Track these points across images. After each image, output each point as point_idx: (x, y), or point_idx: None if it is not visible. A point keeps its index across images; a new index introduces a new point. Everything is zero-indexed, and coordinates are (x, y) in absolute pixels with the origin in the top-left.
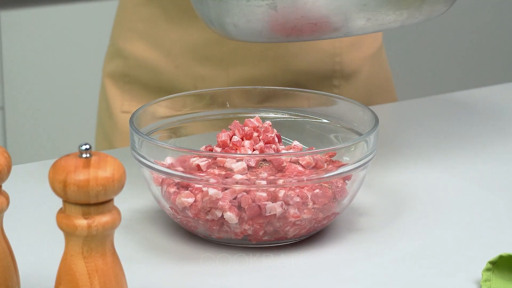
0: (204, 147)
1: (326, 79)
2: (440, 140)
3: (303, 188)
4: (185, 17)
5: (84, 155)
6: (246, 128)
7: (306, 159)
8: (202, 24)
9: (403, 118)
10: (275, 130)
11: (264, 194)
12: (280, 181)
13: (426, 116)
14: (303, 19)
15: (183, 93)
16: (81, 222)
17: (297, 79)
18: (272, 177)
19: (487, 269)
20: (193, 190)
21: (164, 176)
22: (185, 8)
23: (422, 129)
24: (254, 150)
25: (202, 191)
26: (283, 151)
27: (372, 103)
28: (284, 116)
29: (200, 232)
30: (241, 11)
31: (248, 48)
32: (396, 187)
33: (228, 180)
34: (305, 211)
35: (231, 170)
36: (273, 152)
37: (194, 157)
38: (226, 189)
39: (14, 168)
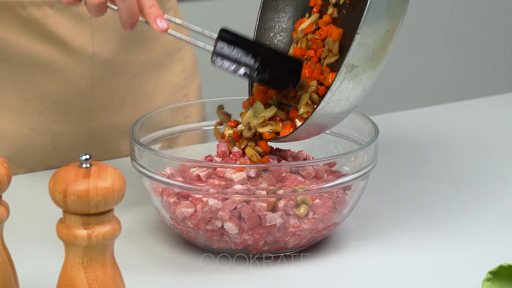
0: (204, 157)
1: (180, 110)
2: (440, 150)
3: None
4: (40, 71)
5: (84, 165)
6: None
7: (307, 169)
8: (61, 75)
9: (404, 128)
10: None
11: (264, 204)
12: (280, 191)
13: (426, 126)
14: None
15: (184, 103)
16: (81, 232)
17: None
18: (272, 187)
19: (487, 279)
20: (193, 200)
21: (164, 186)
22: (36, 60)
23: (422, 139)
24: None
25: (202, 201)
26: (283, 162)
27: None
28: None
29: (200, 242)
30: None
31: (110, 94)
32: (397, 197)
33: (228, 190)
34: (305, 221)
35: (231, 180)
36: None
37: (194, 167)
38: (226, 199)
39: (14, 178)
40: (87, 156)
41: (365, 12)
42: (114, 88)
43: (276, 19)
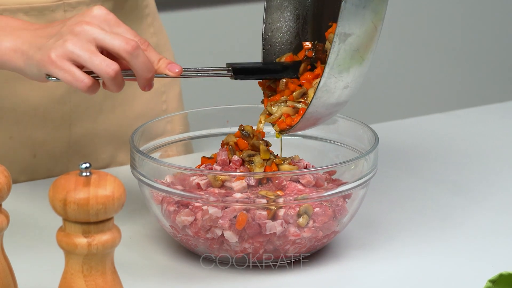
0: (204, 165)
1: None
2: (441, 158)
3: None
4: (16, 79)
5: (84, 174)
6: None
7: (306, 177)
8: (38, 82)
9: (404, 136)
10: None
11: (264, 213)
12: (280, 200)
13: (426, 134)
14: None
15: (182, 111)
16: (81, 240)
17: (135, 124)
18: (272, 196)
19: None
20: (193, 209)
21: (164, 195)
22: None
23: (422, 147)
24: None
25: (202, 209)
26: (283, 170)
27: None
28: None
29: (200, 250)
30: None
31: (88, 101)
32: (397, 205)
33: (228, 198)
34: (305, 229)
35: (231, 188)
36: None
37: (194, 175)
38: (226, 207)
39: (14, 187)
40: (87, 165)
41: None
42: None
43: (282, 19)
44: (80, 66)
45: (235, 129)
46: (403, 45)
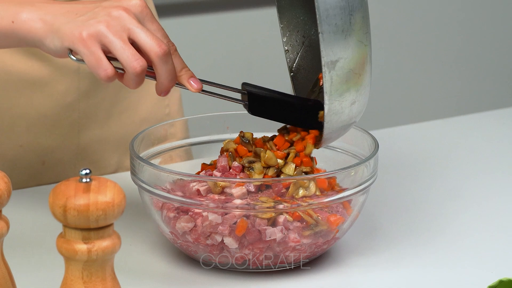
0: (204, 171)
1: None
2: (441, 164)
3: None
4: (27, 87)
5: (84, 180)
6: None
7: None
8: (48, 90)
9: (404, 143)
10: None
11: (264, 219)
12: (280, 206)
13: (427, 141)
14: None
15: (182, 117)
16: (81, 246)
17: (141, 129)
18: (272, 202)
19: None
20: (193, 215)
21: (164, 201)
22: (23, 76)
23: (422, 153)
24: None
25: (202, 216)
26: (284, 176)
27: None
28: None
29: (200, 256)
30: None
31: (96, 107)
32: (396, 211)
33: (228, 205)
34: (305, 236)
35: (231, 195)
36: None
37: (194, 181)
38: (226, 214)
39: (14, 193)
40: (87, 171)
41: (317, 11)
42: (100, 100)
43: (298, 15)
44: (106, 51)
45: (235, 135)
46: (403, 51)
